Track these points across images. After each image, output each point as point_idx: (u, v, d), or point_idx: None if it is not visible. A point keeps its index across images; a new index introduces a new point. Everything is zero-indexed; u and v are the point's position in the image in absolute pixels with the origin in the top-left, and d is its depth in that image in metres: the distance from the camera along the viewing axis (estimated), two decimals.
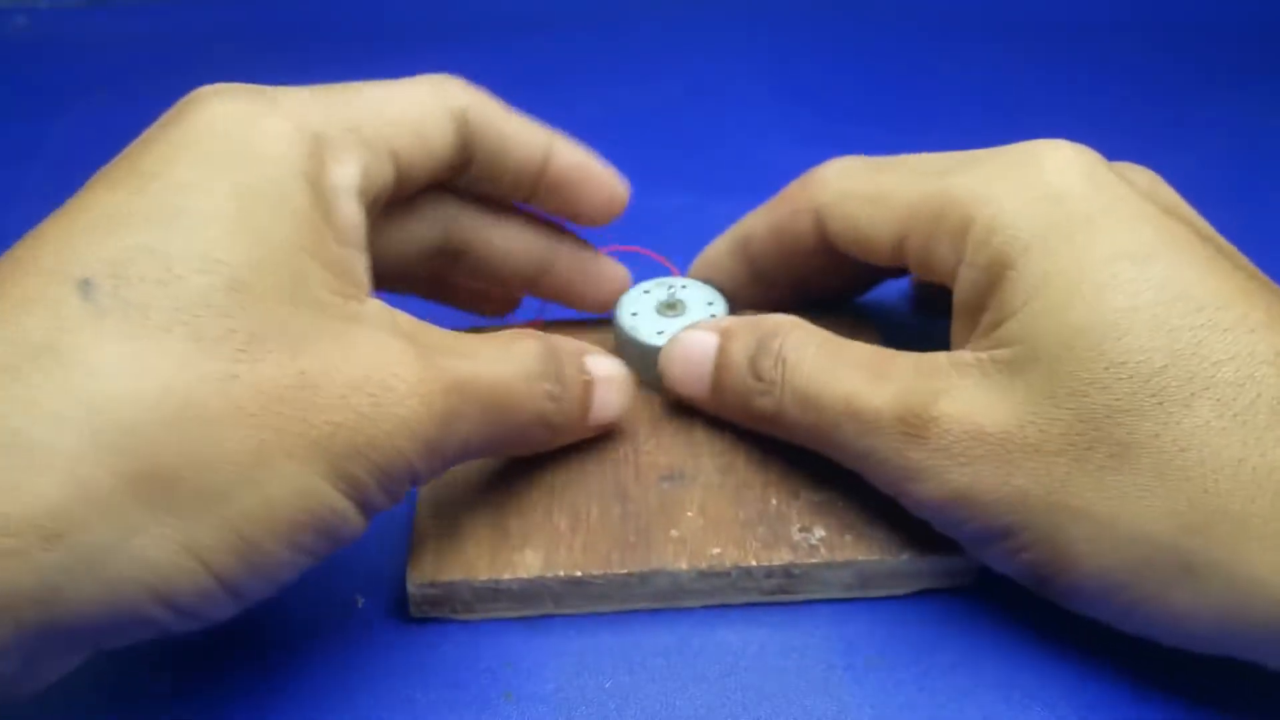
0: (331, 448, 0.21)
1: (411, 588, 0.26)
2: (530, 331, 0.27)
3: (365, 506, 0.22)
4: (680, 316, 0.32)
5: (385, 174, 0.26)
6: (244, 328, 0.21)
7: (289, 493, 0.21)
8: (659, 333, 0.31)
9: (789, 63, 0.65)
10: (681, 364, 0.30)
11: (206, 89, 0.24)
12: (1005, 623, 0.27)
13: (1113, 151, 0.52)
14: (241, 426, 0.20)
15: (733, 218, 0.48)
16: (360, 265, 0.24)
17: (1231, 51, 0.65)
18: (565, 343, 0.28)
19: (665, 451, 0.30)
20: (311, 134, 0.24)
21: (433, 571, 0.26)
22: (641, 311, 0.32)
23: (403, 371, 0.22)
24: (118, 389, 0.19)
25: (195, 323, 0.20)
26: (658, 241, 0.33)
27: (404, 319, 0.24)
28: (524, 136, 0.29)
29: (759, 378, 0.28)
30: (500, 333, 0.26)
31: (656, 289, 0.32)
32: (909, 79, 0.63)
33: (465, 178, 0.29)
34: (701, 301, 0.32)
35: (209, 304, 0.20)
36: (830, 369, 0.27)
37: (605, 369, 0.29)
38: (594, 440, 0.30)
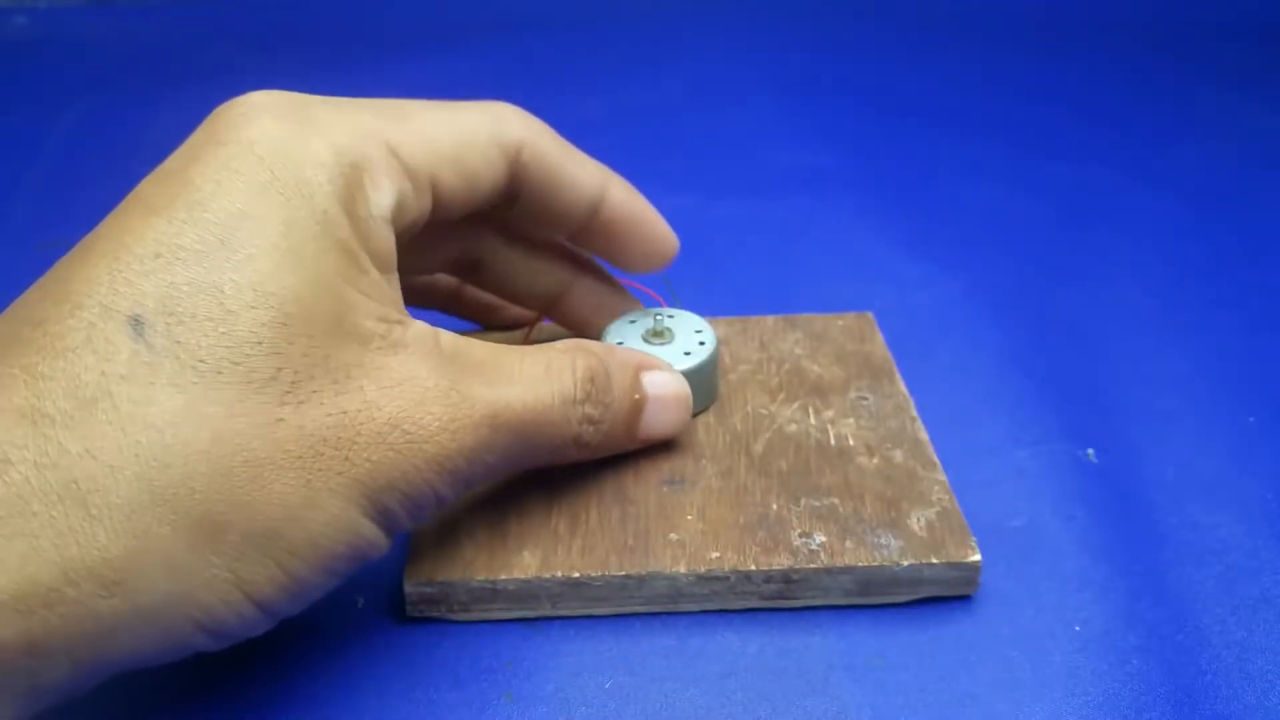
0: (369, 484, 0.22)
1: (408, 587, 0.26)
2: (584, 345, 0.27)
3: (392, 532, 0.23)
4: (668, 344, 0.31)
5: (422, 203, 0.25)
6: (291, 365, 0.21)
7: (331, 529, 0.21)
8: None
9: (789, 63, 0.65)
10: None
11: (246, 103, 0.23)
12: (1006, 626, 0.27)
13: (1114, 149, 0.52)
14: (288, 469, 0.21)
15: (733, 218, 0.48)
16: (395, 288, 0.24)
17: (1231, 52, 0.65)
18: (623, 356, 0.28)
19: (666, 455, 0.30)
20: (351, 159, 0.23)
21: (430, 571, 0.26)
22: (628, 340, 0.31)
23: (435, 409, 0.23)
24: (170, 439, 0.20)
25: (246, 362, 0.20)
26: None
27: (447, 339, 0.24)
28: (578, 179, 0.28)
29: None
30: (552, 345, 0.26)
31: (643, 318, 0.32)
32: (909, 79, 0.63)
33: (510, 215, 0.29)
34: (689, 329, 0.32)
35: (259, 341, 0.21)
36: None
37: (661, 386, 0.28)
38: None
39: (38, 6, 0.70)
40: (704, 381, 0.31)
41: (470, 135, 0.26)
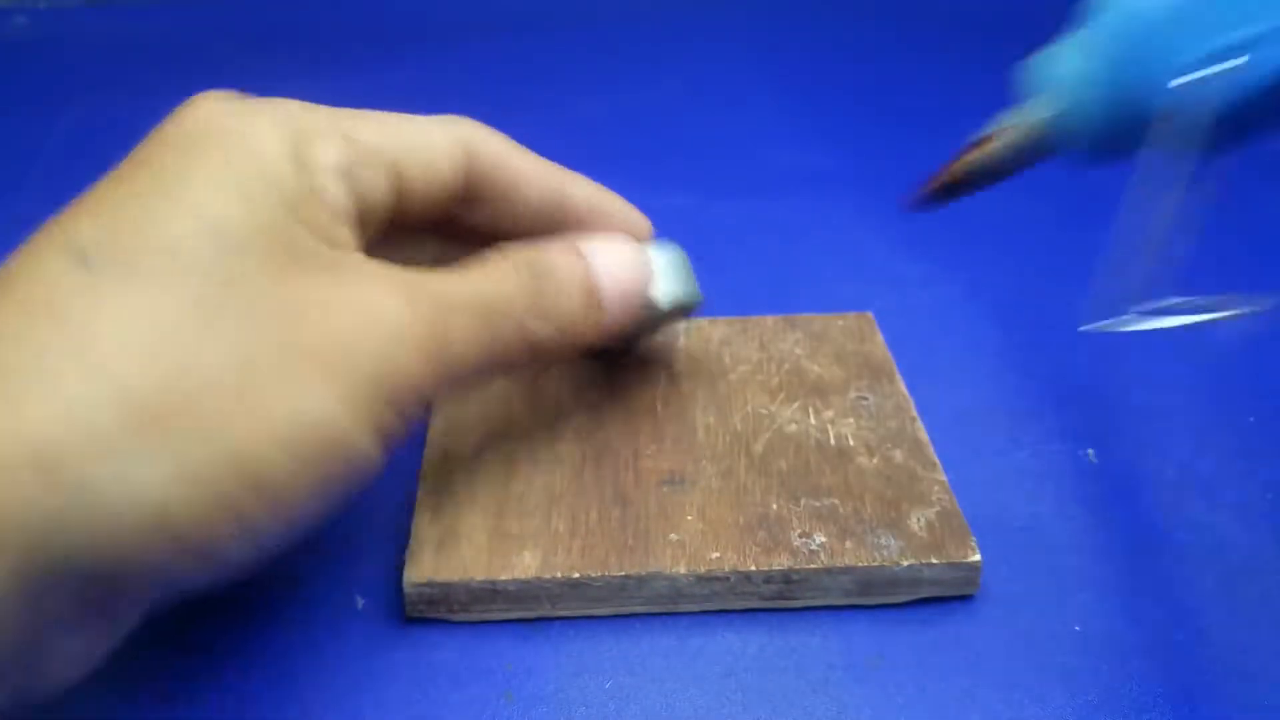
0: (326, 365, 0.22)
1: (408, 587, 0.26)
2: (513, 245, 0.27)
3: (380, 432, 0.22)
4: None
5: (378, 181, 0.26)
6: (236, 270, 0.22)
7: (286, 414, 0.21)
8: None
9: (789, 63, 0.65)
10: None
11: (201, 94, 0.25)
12: (1006, 626, 0.27)
13: None
14: (231, 356, 0.21)
15: (733, 218, 0.48)
16: (350, 237, 0.25)
17: None
18: (559, 242, 0.28)
19: (666, 455, 0.30)
20: (299, 126, 0.24)
21: (430, 571, 0.26)
22: None
23: (391, 294, 0.23)
24: (111, 333, 0.20)
25: (188, 269, 0.21)
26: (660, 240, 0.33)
27: (390, 265, 0.25)
28: (538, 174, 0.29)
29: None
30: (485, 254, 0.27)
31: None
32: (909, 79, 0.63)
33: (479, 215, 0.29)
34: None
35: (199, 253, 0.21)
36: None
37: (605, 249, 0.28)
38: (594, 442, 0.30)
39: (38, 6, 0.70)
40: (681, 272, 0.31)
41: (426, 131, 0.27)
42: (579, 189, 0.30)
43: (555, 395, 0.32)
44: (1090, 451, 0.33)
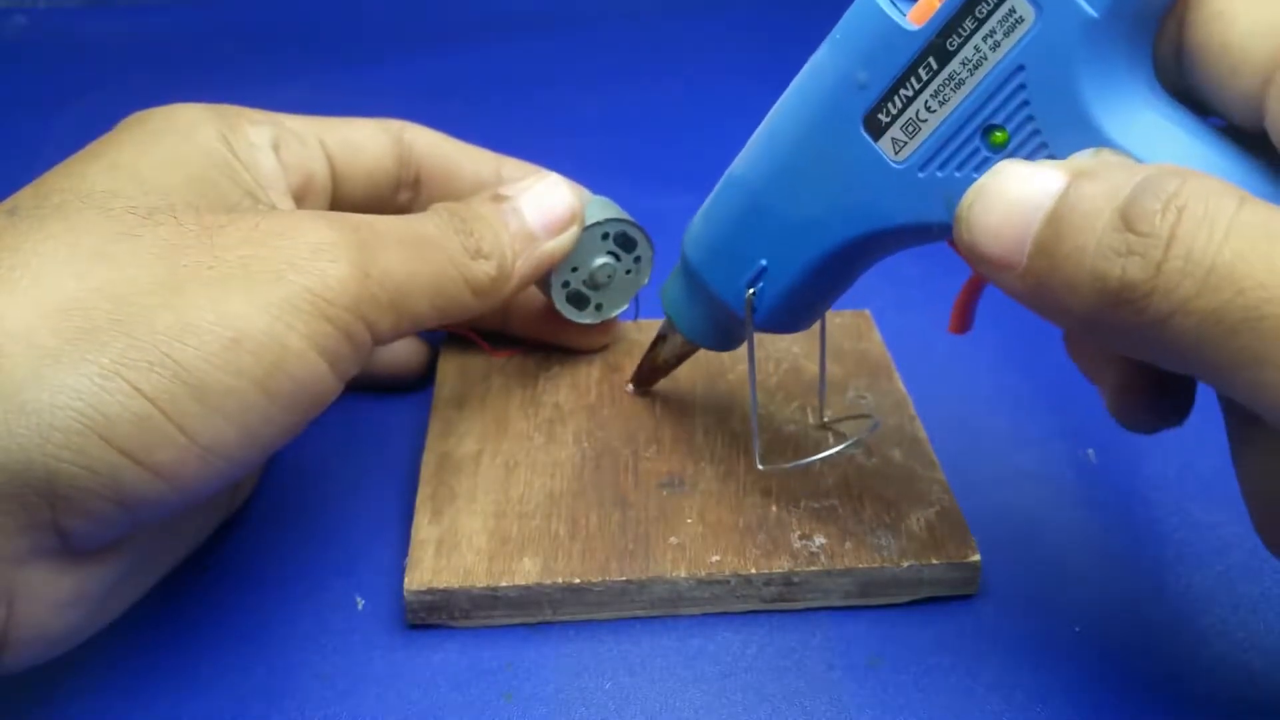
0: (252, 278, 0.22)
1: (408, 595, 0.26)
2: (444, 203, 0.28)
3: (320, 347, 0.23)
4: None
5: (307, 153, 0.28)
6: (154, 204, 0.23)
7: (214, 319, 0.21)
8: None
9: (789, 63, 0.65)
10: (998, 210, 0.20)
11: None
12: (1005, 627, 0.27)
13: None
14: (156, 271, 0.21)
15: None
16: (286, 203, 0.27)
17: None
18: (479, 196, 0.29)
19: (665, 458, 0.30)
20: (230, 114, 0.27)
21: (430, 577, 0.26)
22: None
23: (318, 222, 0.24)
24: (31, 253, 0.21)
25: (105, 206, 0.22)
26: (659, 241, 0.33)
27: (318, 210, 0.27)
28: (471, 157, 0.31)
29: (1130, 228, 0.18)
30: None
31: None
32: None
33: (426, 201, 0.31)
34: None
35: (118, 194, 0.23)
36: (1266, 236, 0.17)
37: (524, 184, 0.29)
38: (593, 444, 0.30)
39: (37, 6, 0.70)
40: (610, 205, 0.32)
41: (354, 122, 0.30)
42: (512, 169, 0.31)
43: (554, 396, 0.32)
44: (1090, 451, 0.33)
